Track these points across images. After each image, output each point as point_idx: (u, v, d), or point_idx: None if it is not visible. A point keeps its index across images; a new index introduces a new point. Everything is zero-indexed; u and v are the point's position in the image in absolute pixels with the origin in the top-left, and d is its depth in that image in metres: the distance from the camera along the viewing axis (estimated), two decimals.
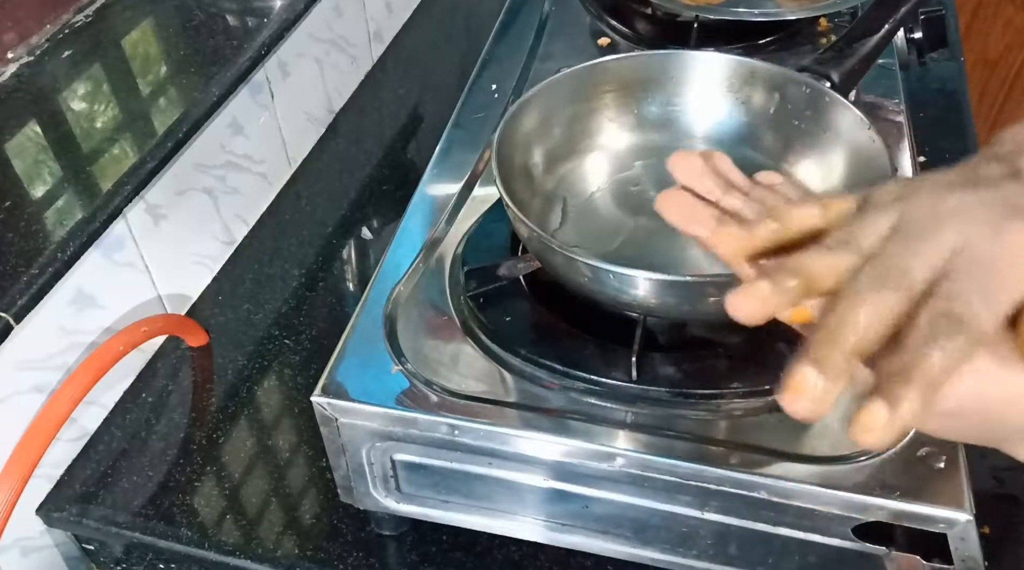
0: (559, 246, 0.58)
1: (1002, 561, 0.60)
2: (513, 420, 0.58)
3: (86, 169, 0.75)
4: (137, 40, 0.90)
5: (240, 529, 0.71)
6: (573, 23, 1.01)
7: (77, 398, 0.69)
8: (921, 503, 0.52)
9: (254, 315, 0.87)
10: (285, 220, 0.98)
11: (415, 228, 0.72)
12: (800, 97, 0.69)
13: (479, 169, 0.78)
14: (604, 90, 0.74)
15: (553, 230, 0.69)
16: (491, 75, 0.90)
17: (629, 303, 0.58)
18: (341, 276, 0.92)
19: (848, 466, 0.54)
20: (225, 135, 0.89)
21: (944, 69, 1.05)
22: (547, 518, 0.63)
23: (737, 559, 0.59)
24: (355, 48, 1.13)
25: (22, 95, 0.81)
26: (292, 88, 0.99)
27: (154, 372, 0.83)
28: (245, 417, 0.78)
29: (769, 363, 0.60)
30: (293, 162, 1.03)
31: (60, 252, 0.68)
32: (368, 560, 0.68)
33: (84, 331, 0.75)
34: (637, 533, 0.61)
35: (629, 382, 0.59)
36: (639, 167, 0.74)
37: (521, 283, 0.66)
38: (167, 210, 0.82)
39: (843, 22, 0.96)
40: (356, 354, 0.62)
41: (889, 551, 0.55)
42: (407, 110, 1.12)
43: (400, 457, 0.62)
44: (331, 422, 0.60)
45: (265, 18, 0.92)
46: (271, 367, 0.82)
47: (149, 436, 0.77)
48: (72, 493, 0.74)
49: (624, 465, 0.56)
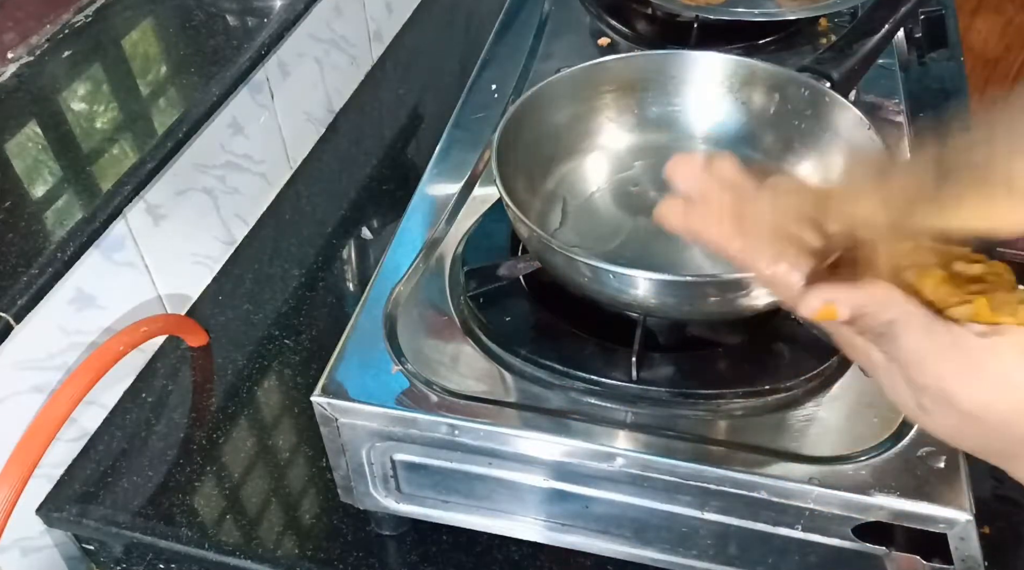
0: (559, 246, 0.58)
1: (1002, 561, 0.60)
2: (513, 420, 0.58)
3: (86, 169, 0.75)
4: (137, 40, 0.90)
5: (240, 529, 0.70)
6: (573, 23, 1.01)
7: (77, 398, 0.69)
8: (921, 503, 0.52)
9: (254, 315, 0.87)
10: (285, 220, 0.98)
11: (415, 228, 0.72)
12: (800, 97, 0.69)
13: (479, 169, 0.78)
14: (604, 90, 0.74)
15: (553, 230, 0.69)
16: (491, 75, 0.90)
17: (629, 303, 0.58)
18: (341, 276, 0.92)
19: (848, 466, 0.54)
20: (225, 135, 0.89)
21: (944, 69, 1.05)
22: (547, 518, 0.63)
23: (737, 559, 0.59)
24: (355, 48, 1.13)
25: (22, 95, 0.81)
26: (292, 88, 0.99)
27: (154, 372, 0.83)
28: (245, 417, 0.78)
29: (769, 363, 0.60)
30: (293, 162, 1.03)
31: (60, 252, 0.68)
32: (368, 560, 0.68)
33: (84, 331, 0.75)
34: (637, 533, 0.61)
35: (629, 382, 0.59)
36: (639, 167, 0.74)
37: (521, 283, 0.66)
38: (167, 210, 0.82)
39: (843, 22, 0.96)
40: (356, 354, 0.62)
41: (889, 551, 0.55)
42: (407, 110, 1.12)
43: (400, 457, 0.62)
44: (331, 422, 0.60)
45: (265, 18, 0.92)
46: (271, 367, 0.82)
47: (149, 436, 0.77)
48: (72, 493, 0.73)
49: (624, 465, 0.56)
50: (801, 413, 0.58)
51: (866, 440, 0.55)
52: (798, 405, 0.59)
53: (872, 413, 0.57)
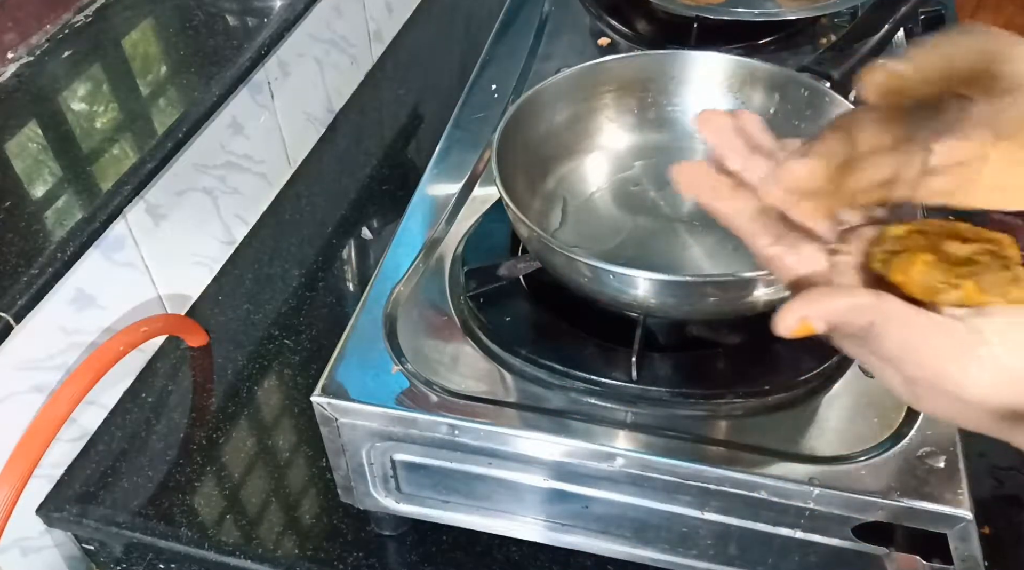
0: (559, 246, 0.58)
1: (1002, 561, 0.60)
2: (513, 420, 0.58)
3: (86, 169, 0.75)
4: (137, 40, 0.90)
5: (240, 529, 0.71)
6: (573, 23, 1.01)
7: (77, 398, 0.69)
8: (921, 503, 0.52)
9: (254, 315, 0.87)
10: (285, 220, 0.98)
11: (415, 228, 0.72)
12: (800, 97, 0.69)
13: (479, 169, 0.78)
14: (604, 90, 0.74)
15: (553, 230, 0.69)
16: (491, 75, 0.90)
17: (629, 303, 0.58)
18: (341, 276, 0.92)
19: (848, 466, 0.54)
20: (225, 135, 0.89)
21: None
22: (547, 518, 0.63)
23: (737, 559, 0.59)
24: (355, 48, 1.13)
25: (22, 95, 0.81)
26: (292, 88, 0.99)
27: (154, 372, 0.83)
28: (245, 417, 0.78)
29: (769, 363, 0.60)
30: (293, 162, 1.03)
31: (60, 252, 0.68)
32: (368, 560, 0.68)
33: (84, 331, 0.75)
34: (637, 533, 0.61)
35: (629, 382, 0.59)
36: (639, 167, 0.74)
37: (521, 283, 0.66)
38: (167, 210, 0.82)
39: (843, 22, 0.96)
40: (356, 354, 0.62)
41: (889, 551, 0.55)
42: (407, 110, 1.12)
43: (400, 457, 0.62)
44: (331, 422, 0.60)
45: (265, 18, 0.92)
46: (271, 367, 0.82)
47: (149, 436, 0.77)
48: (72, 493, 0.74)
49: (624, 465, 0.56)
50: (801, 413, 0.58)
51: (866, 440, 0.55)
52: (798, 405, 0.59)
53: (872, 413, 0.57)
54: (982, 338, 0.32)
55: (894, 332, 0.34)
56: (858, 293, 0.35)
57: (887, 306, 0.34)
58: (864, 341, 0.35)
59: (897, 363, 0.34)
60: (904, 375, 0.35)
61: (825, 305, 0.34)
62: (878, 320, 0.34)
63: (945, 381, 0.33)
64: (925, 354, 0.33)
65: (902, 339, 0.34)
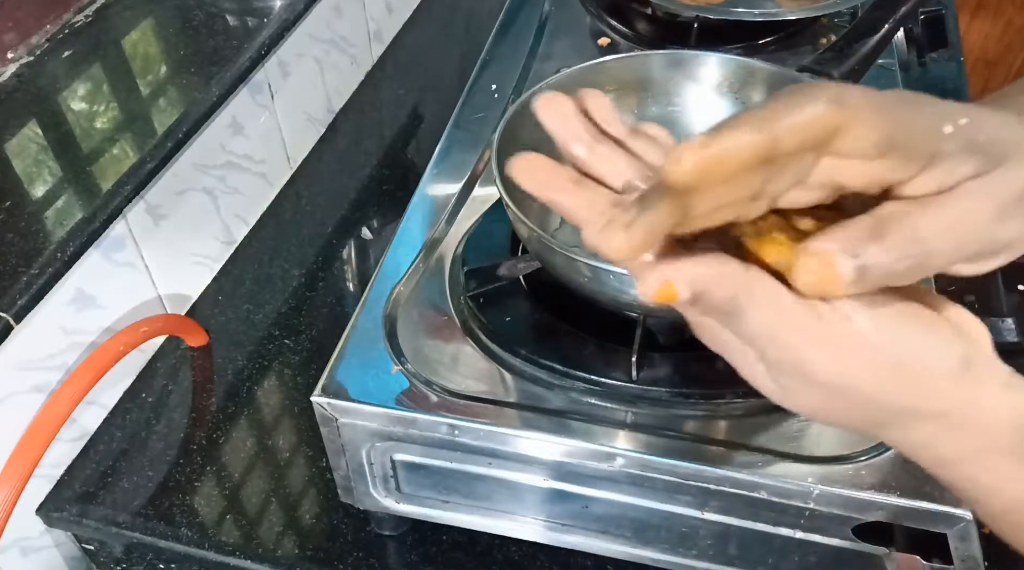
0: (559, 246, 0.58)
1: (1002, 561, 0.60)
2: (513, 420, 0.58)
3: (86, 169, 0.75)
4: (137, 40, 0.90)
5: (240, 529, 0.71)
6: (573, 23, 1.01)
7: (77, 398, 0.69)
8: (921, 503, 0.52)
9: (254, 315, 0.87)
10: (285, 220, 0.98)
11: (415, 228, 0.72)
12: None
13: (479, 169, 0.78)
14: (604, 90, 0.73)
15: (553, 230, 0.69)
16: (491, 75, 0.90)
17: (629, 303, 0.58)
18: (341, 276, 0.92)
19: (848, 466, 0.54)
20: (225, 135, 0.89)
21: (944, 69, 1.05)
22: (547, 518, 0.63)
23: (737, 559, 0.59)
24: (355, 48, 1.13)
25: (22, 95, 0.81)
26: (292, 88, 0.99)
27: (154, 372, 0.83)
28: (245, 417, 0.78)
29: None
30: (293, 162, 1.03)
31: (60, 252, 0.68)
32: (368, 560, 0.68)
33: (84, 331, 0.75)
34: (637, 533, 0.61)
35: (629, 382, 0.59)
36: None
37: (521, 283, 0.66)
38: (167, 210, 0.82)
39: (843, 22, 0.96)
40: (356, 354, 0.62)
41: (889, 551, 0.55)
42: (407, 110, 1.12)
43: (400, 457, 0.62)
44: (331, 422, 0.60)
45: (265, 18, 0.92)
46: (271, 367, 0.82)
47: (149, 436, 0.77)
48: (72, 493, 0.74)
49: (624, 465, 0.56)
50: None
51: (866, 440, 0.55)
52: None
53: None
54: (848, 318, 0.31)
55: (759, 308, 0.31)
56: (727, 261, 0.32)
57: (754, 278, 0.31)
58: (727, 318, 0.33)
59: (758, 342, 0.33)
60: (768, 359, 0.33)
61: (691, 270, 0.31)
62: (742, 293, 0.31)
63: (809, 364, 0.32)
64: (790, 333, 0.31)
65: (765, 316, 0.32)
